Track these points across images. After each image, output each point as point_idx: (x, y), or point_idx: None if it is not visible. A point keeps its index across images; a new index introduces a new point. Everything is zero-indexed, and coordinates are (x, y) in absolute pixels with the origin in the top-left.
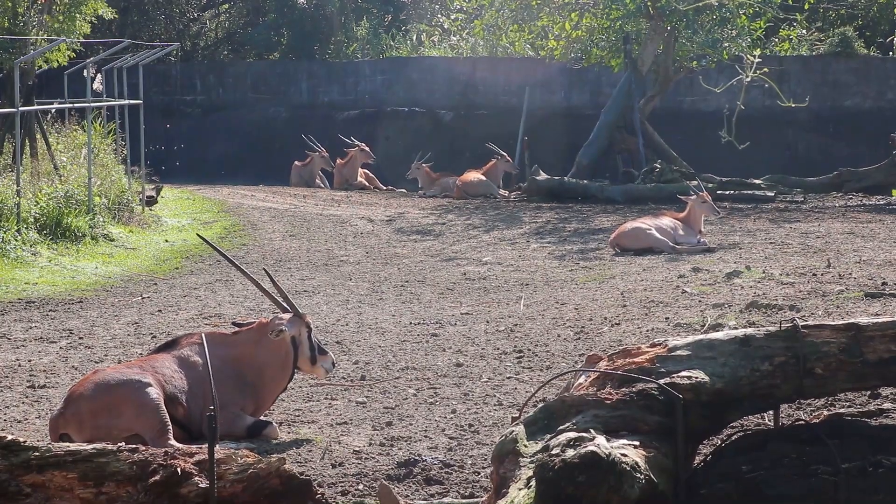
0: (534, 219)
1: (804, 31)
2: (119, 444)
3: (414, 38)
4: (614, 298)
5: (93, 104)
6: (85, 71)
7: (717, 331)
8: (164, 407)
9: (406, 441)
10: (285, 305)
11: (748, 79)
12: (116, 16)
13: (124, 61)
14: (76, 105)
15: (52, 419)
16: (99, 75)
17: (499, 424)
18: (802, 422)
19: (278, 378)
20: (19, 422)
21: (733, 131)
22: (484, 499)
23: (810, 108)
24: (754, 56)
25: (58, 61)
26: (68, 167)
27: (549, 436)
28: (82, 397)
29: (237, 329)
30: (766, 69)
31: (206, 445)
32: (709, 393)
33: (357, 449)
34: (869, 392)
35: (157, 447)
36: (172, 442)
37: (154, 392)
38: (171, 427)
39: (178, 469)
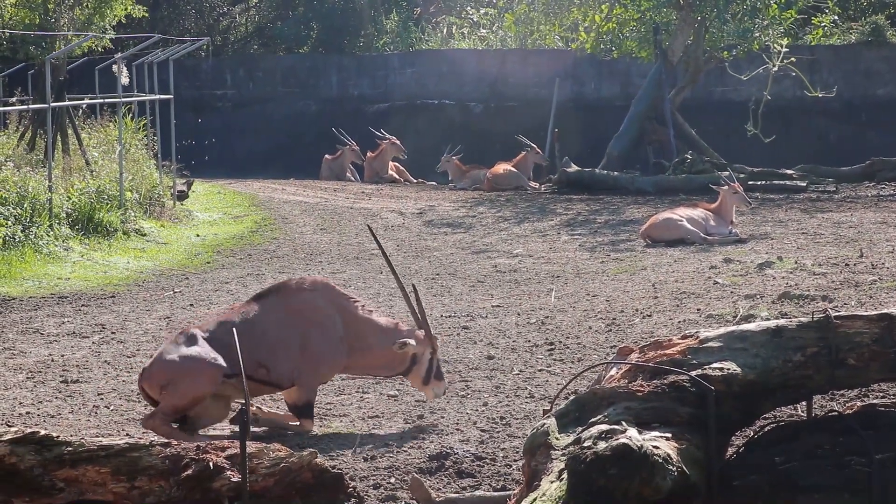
0: (564, 211)
1: (836, 19)
2: (151, 439)
3: (444, 30)
4: (646, 290)
5: (123, 99)
6: (115, 66)
7: (749, 322)
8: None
9: (438, 434)
10: (422, 322)
11: (775, 68)
12: (146, 13)
13: (155, 56)
14: (107, 100)
15: (141, 371)
16: (125, 69)
17: (530, 417)
18: (835, 413)
19: (378, 368)
20: (52, 416)
21: (759, 124)
22: (516, 491)
23: (842, 97)
24: (781, 45)
25: (87, 49)
26: (100, 162)
27: (580, 428)
28: (156, 364)
29: (371, 310)
30: (793, 58)
31: (238, 440)
32: (741, 384)
33: (389, 442)
34: None
35: (155, 419)
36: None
37: (209, 380)
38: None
39: (211, 463)
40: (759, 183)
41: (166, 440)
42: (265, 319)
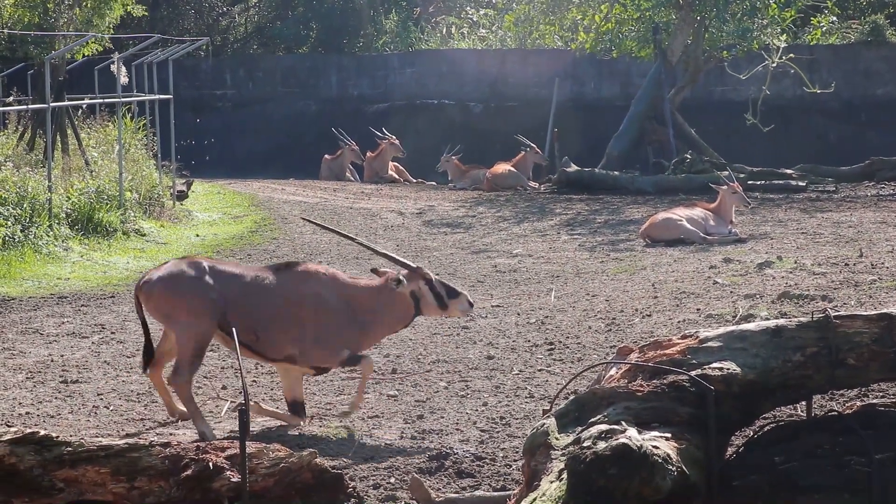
0: (564, 210)
1: (835, 20)
2: (151, 440)
3: (443, 30)
4: (645, 290)
5: (123, 99)
6: (114, 66)
7: (749, 322)
8: (205, 347)
9: (437, 434)
10: (400, 264)
11: (773, 64)
12: (146, 13)
13: (154, 56)
14: (106, 100)
15: (137, 283)
16: (124, 69)
17: (530, 417)
18: (835, 412)
19: (392, 325)
20: (52, 417)
21: (758, 115)
22: (515, 491)
23: (841, 97)
24: (781, 41)
25: (85, 55)
26: (99, 162)
27: (580, 428)
28: (157, 283)
29: (359, 279)
30: (791, 55)
31: (238, 440)
32: (740, 384)
33: (389, 442)
34: None
35: (178, 375)
36: (191, 376)
37: (208, 332)
38: (198, 367)
39: (210, 464)
40: (758, 183)
41: (165, 440)
42: (269, 290)
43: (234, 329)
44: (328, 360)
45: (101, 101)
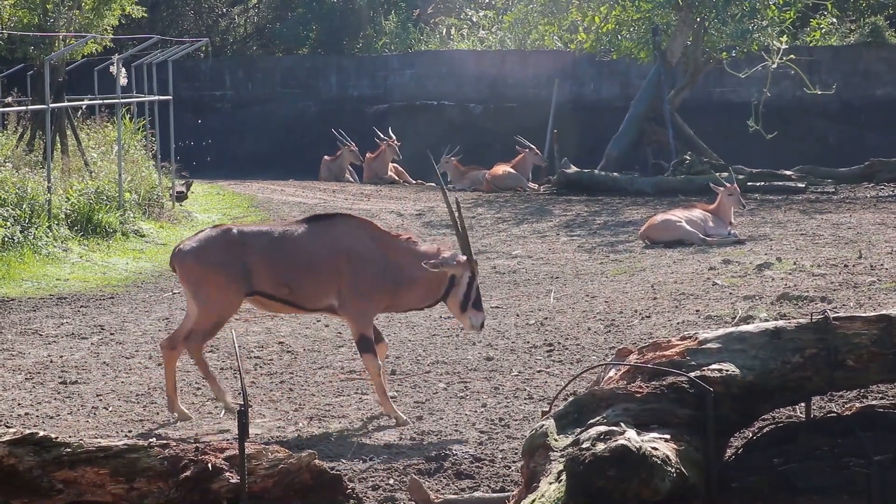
0: (564, 212)
1: (834, 21)
2: (150, 440)
3: (442, 31)
4: (644, 291)
5: (122, 100)
6: (113, 67)
7: (748, 323)
8: (225, 322)
9: (436, 435)
10: (464, 245)
11: (774, 65)
12: (146, 14)
13: (153, 57)
14: (106, 101)
15: (174, 249)
16: (123, 70)
17: (529, 418)
18: (834, 414)
19: (419, 298)
20: (51, 417)
21: (760, 120)
22: (514, 493)
23: (841, 98)
24: (780, 41)
25: (85, 55)
26: (99, 163)
27: (579, 430)
28: (189, 255)
29: (409, 237)
30: (792, 56)
31: (237, 441)
32: (739, 386)
33: (388, 443)
34: None
35: (192, 340)
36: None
37: (232, 307)
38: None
39: (209, 465)
40: (758, 184)
41: (164, 441)
42: (303, 240)
43: (233, 336)
44: (365, 313)
45: (101, 101)
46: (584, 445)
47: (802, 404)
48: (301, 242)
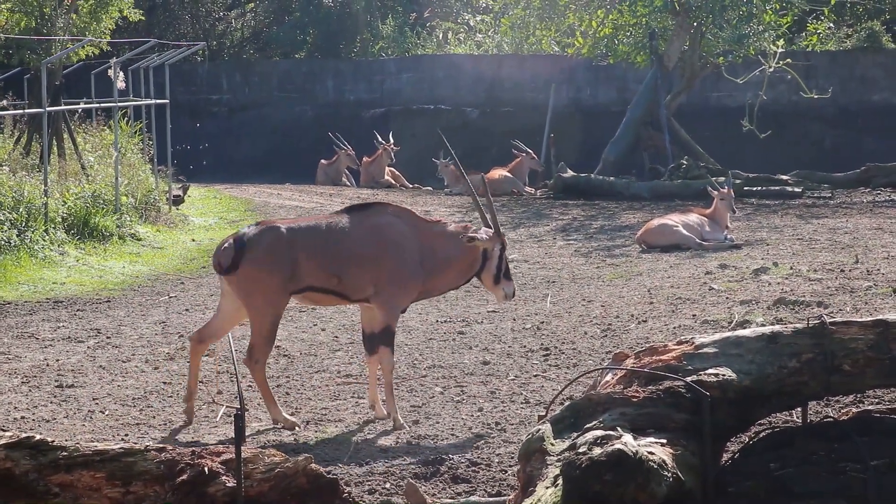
0: (560, 216)
1: (831, 26)
2: (147, 444)
3: (439, 35)
4: (641, 295)
5: (119, 104)
6: (110, 70)
7: (745, 328)
8: (278, 323)
9: (433, 439)
10: (491, 219)
11: (770, 69)
12: (143, 17)
13: (150, 61)
14: (103, 105)
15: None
16: (121, 73)
17: (526, 423)
18: (831, 419)
19: (455, 277)
20: (47, 421)
21: (754, 121)
22: (511, 497)
23: (838, 103)
24: (777, 46)
25: (81, 59)
26: (95, 167)
27: (575, 434)
28: (226, 254)
29: (439, 220)
30: (788, 60)
31: (234, 444)
32: (736, 390)
33: (384, 447)
34: None
35: (254, 353)
36: (265, 357)
37: (282, 307)
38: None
39: (206, 468)
40: (754, 188)
41: (161, 445)
42: (346, 231)
43: (230, 340)
44: (398, 305)
45: (98, 105)
46: (580, 450)
47: (799, 409)
48: (345, 233)
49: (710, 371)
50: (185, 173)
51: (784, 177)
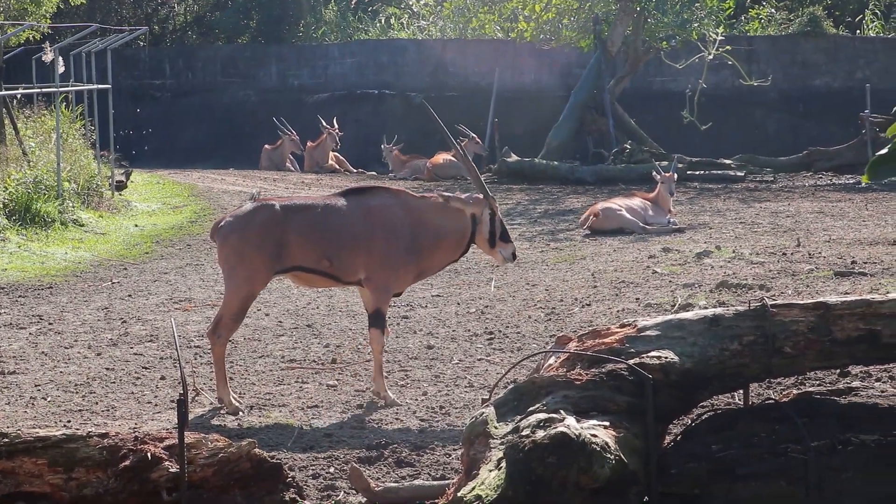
0: (504, 200)
1: (773, 11)
2: (89, 430)
3: (382, 20)
4: (585, 279)
5: (61, 89)
6: (51, 55)
7: (687, 311)
8: (251, 302)
9: (377, 424)
10: (479, 187)
11: (710, 56)
12: (84, 1)
13: (92, 45)
14: (44, 90)
15: (215, 223)
16: (61, 58)
17: (469, 406)
18: (772, 401)
19: (450, 248)
20: None
21: (695, 111)
22: (454, 480)
23: (780, 88)
24: (717, 33)
25: (21, 43)
26: (37, 152)
27: (519, 417)
28: (227, 231)
29: (425, 194)
30: (729, 47)
31: (177, 430)
32: (678, 373)
33: (328, 432)
34: (838, 370)
35: (219, 328)
36: (229, 334)
37: (260, 287)
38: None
39: (149, 454)
40: (697, 172)
41: (103, 431)
42: (340, 213)
43: (173, 326)
44: (389, 288)
45: (39, 90)
46: (523, 433)
47: (741, 391)
48: (341, 216)
49: (653, 354)
50: (127, 159)
51: (727, 161)
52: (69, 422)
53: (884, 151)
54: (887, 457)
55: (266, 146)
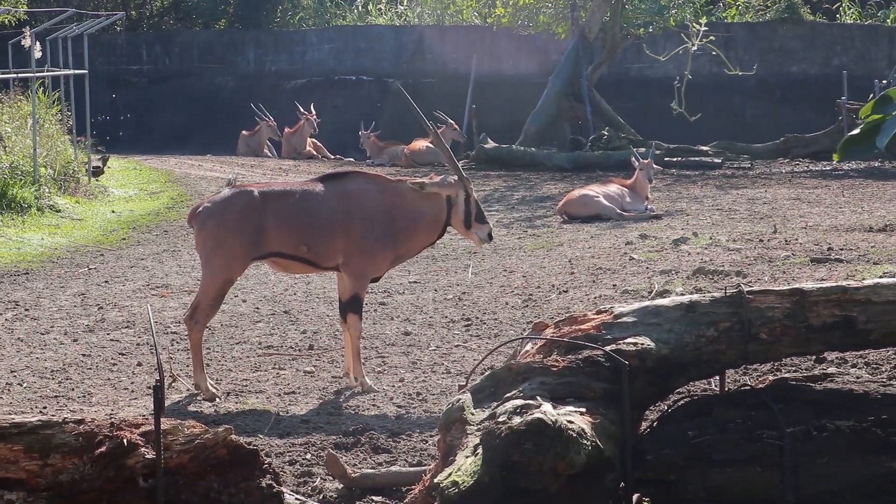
0: (481, 187)
1: None
2: (65, 416)
3: (360, 6)
4: (562, 266)
5: (37, 74)
6: (27, 40)
7: (664, 297)
8: (229, 288)
9: (354, 410)
10: (453, 168)
11: (694, 47)
12: None
13: (69, 31)
14: (20, 75)
15: (193, 208)
16: (38, 43)
17: (446, 393)
18: (748, 387)
19: (426, 231)
20: None
21: (684, 103)
22: (431, 467)
23: (757, 75)
24: (700, 24)
25: (1, 24)
26: (13, 138)
27: (495, 404)
28: (205, 216)
29: (401, 179)
30: (712, 37)
31: (153, 416)
32: (654, 359)
33: (305, 418)
34: (814, 357)
35: (197, 314)
36: (206, 320)
37: (238, 273)
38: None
39: (125, 440)
40: (674, 159)
41: (79, 417)
42: (318, 199)
43: (149, 312)
44: (366, 274)
45: (15, 75)
46: (500, 419)
47: (717, 377)
48: (318, 202)
49: (630, 340)
50: (104, 144)
51: (704, 147)
52: (45, 408)
53: (856, 132)
54: (862, 442)
55: (243, 132)
